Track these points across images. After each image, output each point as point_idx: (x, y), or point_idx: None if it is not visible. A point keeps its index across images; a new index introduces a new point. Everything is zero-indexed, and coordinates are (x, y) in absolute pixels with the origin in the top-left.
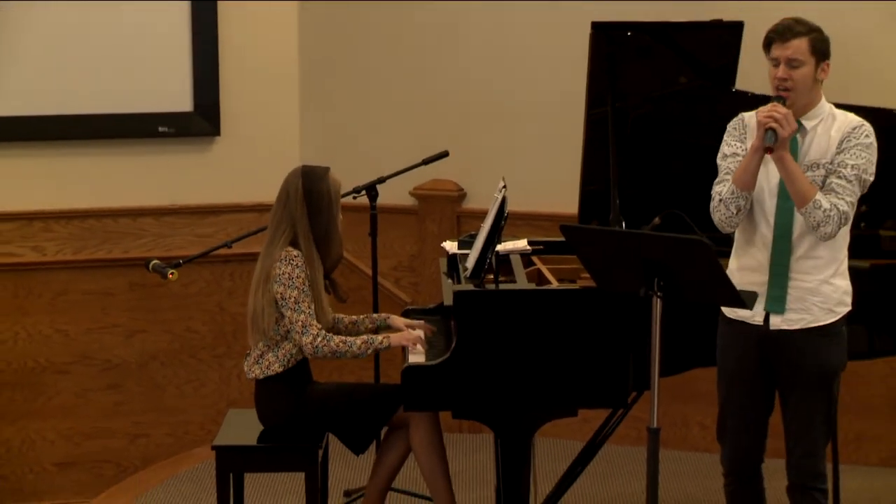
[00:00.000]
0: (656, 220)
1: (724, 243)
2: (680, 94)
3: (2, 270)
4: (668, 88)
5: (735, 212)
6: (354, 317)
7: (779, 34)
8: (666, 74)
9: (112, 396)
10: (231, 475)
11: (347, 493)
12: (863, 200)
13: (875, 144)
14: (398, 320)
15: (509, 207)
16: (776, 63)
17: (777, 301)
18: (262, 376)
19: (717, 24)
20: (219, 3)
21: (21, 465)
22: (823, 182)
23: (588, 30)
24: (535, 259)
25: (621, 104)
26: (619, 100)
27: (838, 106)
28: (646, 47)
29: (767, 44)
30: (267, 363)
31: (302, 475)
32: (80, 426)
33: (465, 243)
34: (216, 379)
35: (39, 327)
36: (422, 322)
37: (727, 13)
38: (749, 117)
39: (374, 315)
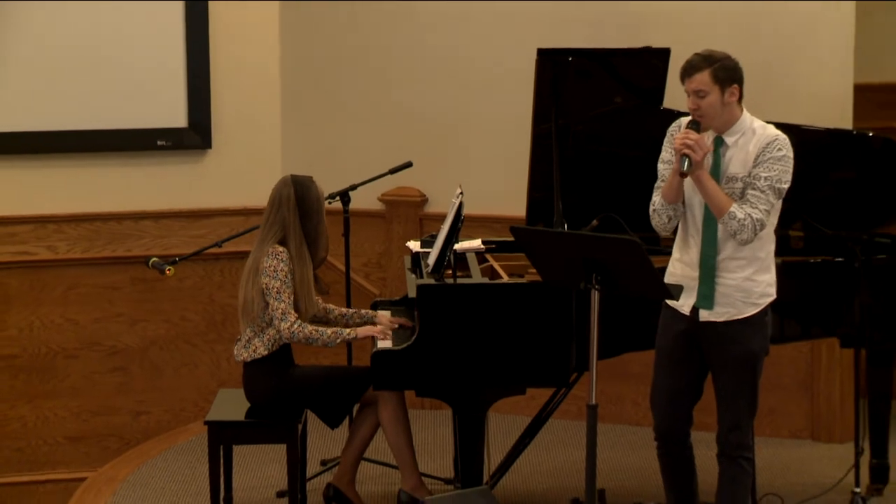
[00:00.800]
0: (594, 222)
1: (654, 242)
2: (615, 112)
3: (19, 267)
4: (605, 107)
5: (667, 220)
6: (345, 309)
7: (685, 70)
8: (603, 95)
9: (116, 378)
10: (221, 447)
11: (324, 462)
12: (794, 211)
13: (789, 155)
14: (384, 319)
15: (465, 211)
16: (688, 95)
17: (706, 298)
18: (249, 359)
19: (647, 51)
20: (210, 31)
21: (36, 438)
22: (742, 192)
23: (534, 55)
24: (488, 257)
25: (564, 121)
26: (562, 117)
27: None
28: (585, 71)
29: (681, 79)
30: (254, 348)
31: (284, 447)
32: (88, 404)
33: (427, 243)
34: (208, 362)
35: (52, 317)
36: (403, 319)
37: (657, 40)
38: (684, 121)
39: (363, 311)
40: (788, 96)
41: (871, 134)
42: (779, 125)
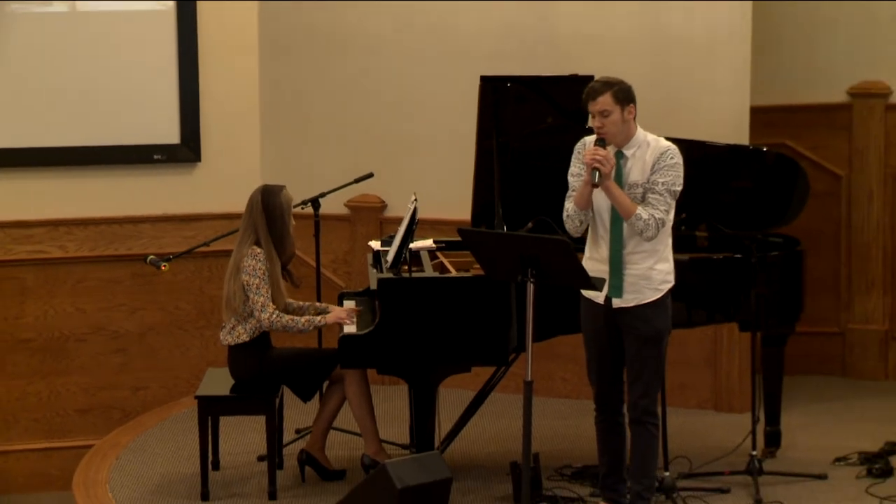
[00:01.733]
0: (529, 224)
1: (580, 241)
2: (547, 130)
3: (35, 263)
4: (538, 126)
5: (578, 224)
6: (302, 303)
7: (589, 94)
8: (537, 116)
9: (119, 359)
10: (209, 418)
11: (298, 431)
12: (682, 210)
13: (680, 163)
14: (335, 309)
15: (419, 216)
16: (592, 116)
17: (616, 288)
18: (233, 343)
19: (574, 78)
20: (199, 63)
21: (49, 410)
22: (643, 197)
23: (478, 82)
24: (438, 254)
25: (503, 138)
26: (501, 135)
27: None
28: (521, 95)
29: (584, 103)
30: (237, 333)
31: (263, 418)
32: (95, 381)
33: (386, 242)
34: (198, 345)
35: (63, 306)
36: (352, 305)
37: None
38: (589, 140)
39: (317, 304)
40: (694, 116)
41: (765, 149)
42: (687, 141)
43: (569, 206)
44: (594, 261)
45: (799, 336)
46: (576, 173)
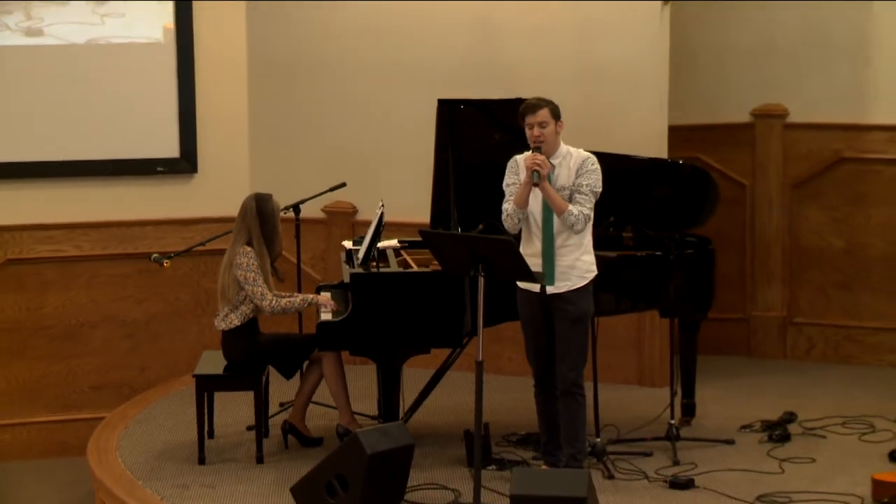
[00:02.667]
0: (480, 226)
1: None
2: (494, 146)
3: (54, 261)
4: (487, 142)
5: (517, 221)
6: (287, 293)
7: (530, 108)
8: (486, 133)
9: (127, 343)
10: (205, 394)
11: (282, 405)
12: (610, 214)
13: (598, 168)
14: (322, 296)
15: (385, 219)
16: (531, 127)
17: (549, 277)
18: (226, 329)
19: (518, 101)
20: (195, 88)
21: (67, 387)
22: (570, 197)
23: (436, 104)
24: (402, 252)
25: (458, 153)
26: (456, 150)
27: (595, 153)
28: (473, 116)
29: (523, 115)
30: (230, 320)
31: (251, 393)
32: (106, 362)
33: (357, 242)
34: (196, 331)
35: (79, 298)
36: (328, 296)
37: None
38: (520, 159)
39: (308, 296)
40: (621, 134)
41: (681, 162)
42: (614, 155)
43: (507, 206)
44: (528, 255)
45: (710, 322)
46: (509, 183)
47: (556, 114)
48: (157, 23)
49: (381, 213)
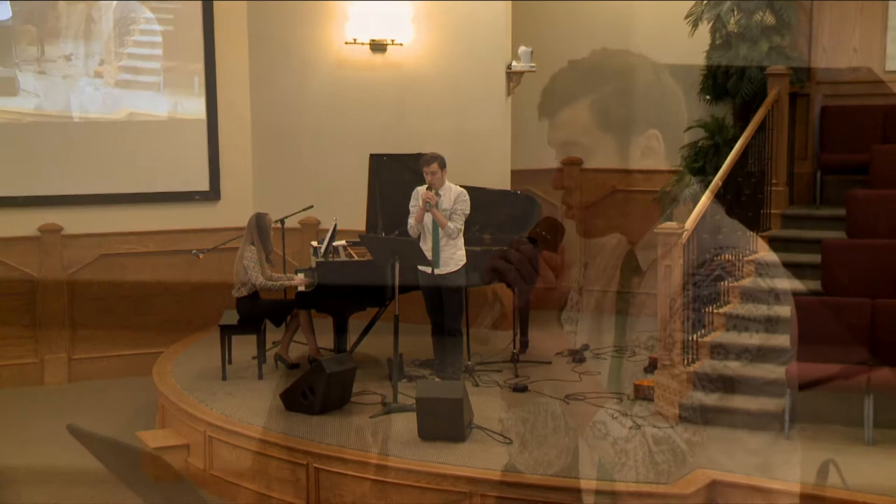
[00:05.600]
0: (396, 232)
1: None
2: (407, 183)
3: (130, 255)
4: (400, 180)
5: (417, 231)
6: (277, 275)
7: (426, 161)
8: (399, 174)
9: (177, 306)
10: (226, 337)
11: (274, 342)
12: (477, 224)
13: (468, 199)
14: (296, 277)
15: (338, 228)
16: (427, 173)
17: (436, 263)
18: (238, 296)
19: (420, 155)
20: (219, 141)
21: (138, 333)
22: (450, 216)
23: (368, 157)
24: (348, 248)
25: (382, 188)
26: (381, 187)
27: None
28: (392, 164)
29: (421, 165)
30: (241, 292)
31: (255, 336)
32: (164, 318)
33: (321, 242)
34: (220, 298)
35: (146, 278)
36: (302, 277)
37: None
38: (420, 190)
39: (287, 275)
40: (481, 174)
41: (518, 192)
42: (479, 188)
43: (411, 221)
44: (424, 250)
45: (536, 290)
46: (412, 206)
47: (442, 164)
48: (201, 103)
49: (335, 225)
